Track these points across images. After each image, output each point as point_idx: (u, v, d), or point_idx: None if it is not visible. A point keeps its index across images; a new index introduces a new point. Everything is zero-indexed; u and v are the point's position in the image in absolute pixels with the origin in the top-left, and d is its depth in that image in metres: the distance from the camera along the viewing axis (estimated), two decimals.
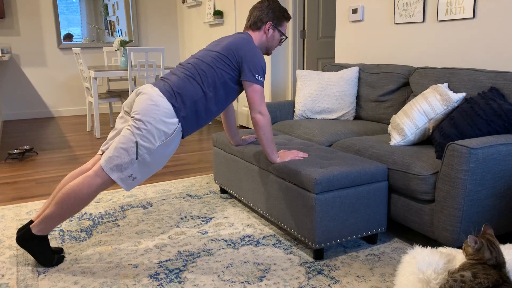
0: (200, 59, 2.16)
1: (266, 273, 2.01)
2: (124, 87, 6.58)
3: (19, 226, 2.55)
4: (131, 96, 2.13)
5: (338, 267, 2.05)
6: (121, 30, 6.98)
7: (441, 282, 1.40)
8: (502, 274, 1.32)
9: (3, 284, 1.94)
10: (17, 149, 4.19)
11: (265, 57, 4.91)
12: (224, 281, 1.94)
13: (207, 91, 2.11)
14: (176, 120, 2.04)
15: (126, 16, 6.97)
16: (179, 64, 2.22)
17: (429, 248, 1.55)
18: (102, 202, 2.94)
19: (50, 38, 6.55)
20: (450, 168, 1.96)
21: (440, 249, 1.57)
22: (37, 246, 2.04)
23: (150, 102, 2.00)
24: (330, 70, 3.61)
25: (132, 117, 2.02)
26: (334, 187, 2.06)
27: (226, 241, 2.34)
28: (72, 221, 2.64)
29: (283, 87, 5.04)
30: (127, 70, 4.91)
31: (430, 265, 1.46)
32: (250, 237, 2.39)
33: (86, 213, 2.76)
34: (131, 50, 4.83)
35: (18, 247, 2.29)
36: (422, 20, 3.11)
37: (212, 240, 2.36)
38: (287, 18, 2.33)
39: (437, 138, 2.23)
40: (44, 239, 2.05)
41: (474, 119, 2.15)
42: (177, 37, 7.45)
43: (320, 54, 5.03)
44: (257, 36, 2.30)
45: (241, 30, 5.38)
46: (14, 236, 2.43)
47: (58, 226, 2.54)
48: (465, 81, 2.51)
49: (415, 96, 2.83)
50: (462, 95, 2.35)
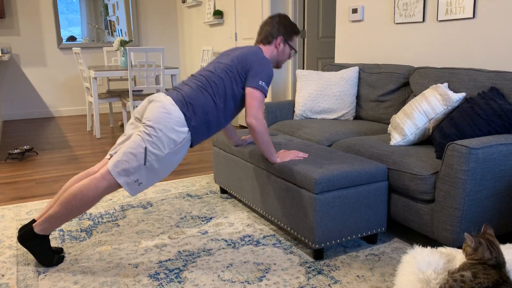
0: (211, 71, 2.22)
1: (266, 273, 2.01)
2: (124, 87, 6.58)
3: (19, 226, 2.56)
4: (143, 103, 2.17)
5: (338, 267, 2.05)
6: (121, 30, 6.99)
7: (441, 282, 1.40)
8: (502, 274, 1.32)
9: (3, 284, 1.94)
10: (17, 149, 4.19)
11: None
12: (224, 281, 1.95)
13: (218, 102, 2.16)
14: (186, 129, 2.08)
15: (126, 16, 6.97)
16: (192, 75, 2.27)
17: (429, 248, 1.55)
18: (102, 202, 2.94)
19: (50, 38, 6.55)
20: (450, 168, 1.96)
21: (440, 249, 1.57)
22: (38, 245, 2.04)
23: (163, 110, 2.04)
24: (330, 70, 3.61)
25: (143, 123, 2.06)
26: (334, 187, 2.06)
27: (226, 241, 2.34)
28: (72, 221, 2.64)
29: (283, 87, 5.04)
30: (127, 70, 4.91)
31: (430, 265, 1.46)
32: (250, 237, 2.39)
33: (86, 213, 2.76)
34: (131, 50, 4.83)
35: (18, 247, 2.29)
36: (422, 20, 3.11)
37: (212, 240, 2.36)
38: (297, 33, 2.40)
39: (437, 138, 2.23)
40: (45, 239, 2.06)
41: (474, 119, 2.15)
42: (177, 37, 7.45)
43: (320, 54, 5.03)
44: (268, 50, 2.37)
45: (240, 30, 5.38)
46: (14, 236, 2.44)
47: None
48: (465, 81, 2.51)
49: (415, 96, 2.83)
50: (462, 95, 2.35)
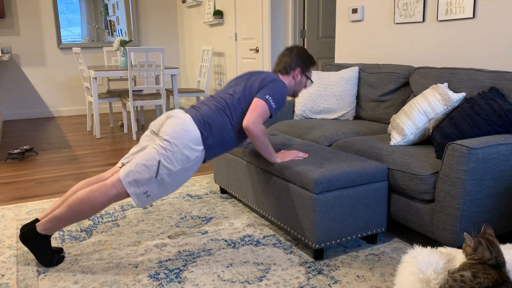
0: (231, 94, 2.27)
1: (266, 273, 2.01)
2: (124, 87, 6.58)
3: (19, 226, 2.56)
4: (161, 118, 2.21)
5: (338, 267, 2.05)
6: (121, 30, 6.99)
7: (441, 282, 1.40)
8: (502, 274, 1.32)
9: (3, 284, 1.94)
10: (17, 149, 4.19)
11: (266, 58, 4.92)
12: (224, 281, 1.95)
13: (235, 125, 2.22)
14: (201, 147, 2.13)
15: (126, 16, 6.97)
16: (211, 96, 2.33)
17: (429, 248, 1.55)
18: None
19: (50, 38, 6.55)
20: (450, 168, 1.96)
21: (440, 249, 1.57)
22: (38, 245, 2.05)
23: (182, 127, 2.08)
24: (330, 70, 3.61)
25: (160, 137, 2.09)
26: (334, 187, 2.06)
27: (226, 241, 2.34)
28: None
29: None
30: (127, 70, 4.91)
31: (430, 265, 1.46)
32: (250, 237, 2.39)
33: None
34: (131, 50, 4.83)
35: (18, 247, 2.29)
36: (422, 20, 3.11)
37: (212, 240, 2.36)
38: (314, 64, 2.47)
39: (437, 138, 2.23)
40: (46, 239, 2.06)
41: (474, 119, 2.15)
42: (177, 37, 7.45)
43: (320, 54, 5.03)
44: (286, 79, 2.43)
45: (240, 30, 5.38)
46: (14, 236, 2.44)
47: None
48: (465, 81, 2.51)
49: (415, 96, 2.83)
50: (462, 95, 2.35)
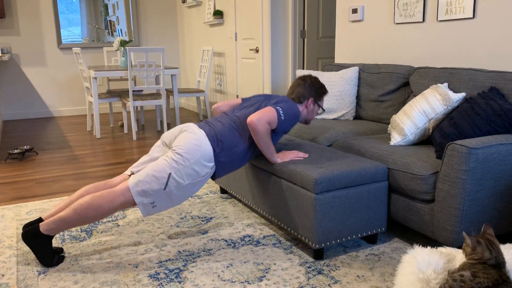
0: (245, 114, 2.31)
1: (266, 273, 2.01)
2: (124, 87, 6.58)
3: (19, 226, 2.56)
4: (174, 130, 2.23)
5: (338, 267, 2.05)
6: (121, 30, 6.99)
7: (441, 282, 1.40)
8: (502, 274, 1.32)
9: (3, 284, 1.94)
10: (17, 149, 4.19)
11: (266, 58, 4.92)
12: (224, 281, 1.95)
13: (247, 143, 2.26)
14: (212, 164, 2.16)
15: (126, 16, 6.97)
16: (225, 113, 2.37)
17: (429, 248, 1.55)
18: None
19: (50, 38, 6.55)
20: (450, 168, 1.96)
21: (440, 249, 1.57)
22: (40, 245, 2.05)
23: (196, 142, 2.11)
24: (330, 70, 3.61)
25: (173, 149, 2.10)
26: (334, 187, 2.06)
27: (226, 241, 2.34)
28: None
29: (283, 87, 5.04)
30: (127, 70, 4.91)
31: (430, 265, 1.46)
32: (250, 237, 2.39)
33: None
34: (131, 50, 4.83)
35: (18, 247, 2.29)
36: (422, 20, 3.11)
37: (212, 240, 2.36)
38: (326, 93, 2.54)
39: (437, 138, 2.23)
40: (48, 239, 2.06)
41: (474, 119, 2.15)
42: (177, 37, 7.45)
43: (320, 54, 5.03)
44: (299, 108, 2.46)
45: (240, 30, 5.39)
46: (14, 236, 2.44)
47: None
48: (465, 81, 2.51)
49: (415, 96, 2.83)
50: (462, 95, 2.35)
